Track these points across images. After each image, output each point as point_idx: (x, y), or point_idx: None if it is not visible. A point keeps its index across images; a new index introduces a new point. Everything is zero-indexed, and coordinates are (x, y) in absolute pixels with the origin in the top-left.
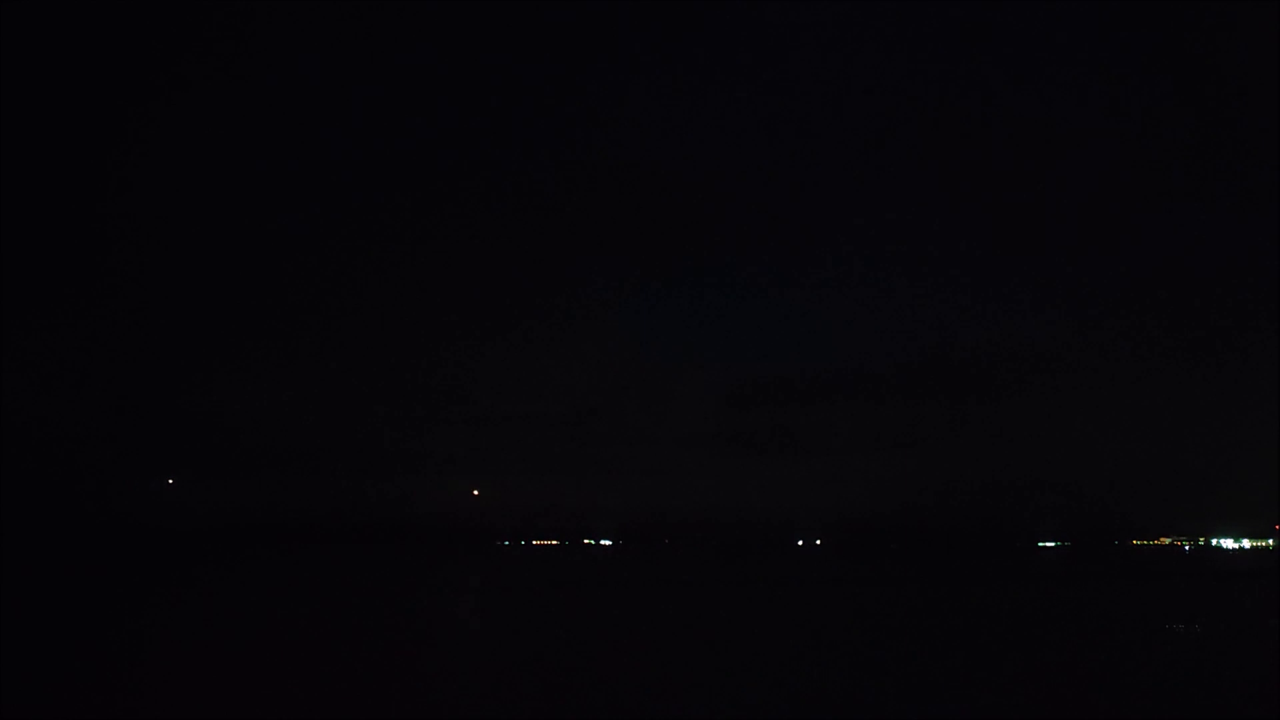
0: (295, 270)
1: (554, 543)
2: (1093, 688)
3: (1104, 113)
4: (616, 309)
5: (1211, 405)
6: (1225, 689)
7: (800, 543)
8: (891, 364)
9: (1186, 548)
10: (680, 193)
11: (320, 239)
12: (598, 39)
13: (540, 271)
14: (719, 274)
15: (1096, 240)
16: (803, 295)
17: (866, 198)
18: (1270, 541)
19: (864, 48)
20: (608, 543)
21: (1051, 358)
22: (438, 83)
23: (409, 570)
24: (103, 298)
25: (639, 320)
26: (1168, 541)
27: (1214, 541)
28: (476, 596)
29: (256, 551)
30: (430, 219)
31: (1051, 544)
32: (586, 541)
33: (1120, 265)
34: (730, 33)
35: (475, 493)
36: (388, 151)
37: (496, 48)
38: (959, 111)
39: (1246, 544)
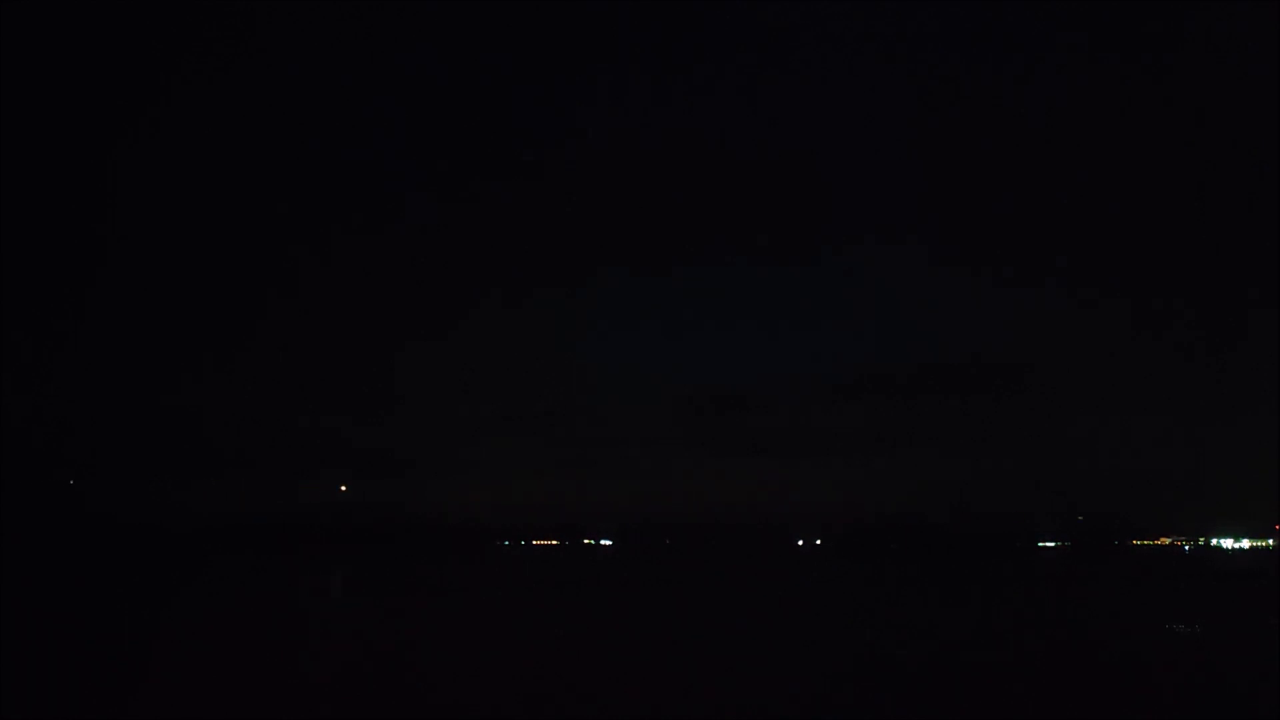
0: (293, 272)
1: (554, 543)
2: (1093, 688)
3: (1108, 114)
4: (617, 309)
5: (1211, 405)
6: (1225, 689)
7: (800, 543)
8: (892, 365)
9: (1186, 548)
10: (685, 193)
11: (316, 242)
12: (580, 40)
13: (540, 273)
14: (720, 275)
15: (1096, 241)
16: (803, 297)
17: (867, 199)
18: (1270, 541)
19: (863, 47)
20: (608, 543)
21: (1052, 358)
22: (407, 86)
23: (408, 570)
24: (91, 297)
25: (639, 321)
26: (1168, 541)
27: (1214, 541)
28: (475, 596)
29: (254, 552)
30: (430, 219)
31: (1051, 544)
32: (586, 541)
33: (1121, 266)
34: (724, 34)
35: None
36: (356, 151)
37: (467, 47)
38: (961, 112)
39: (1246, 544)
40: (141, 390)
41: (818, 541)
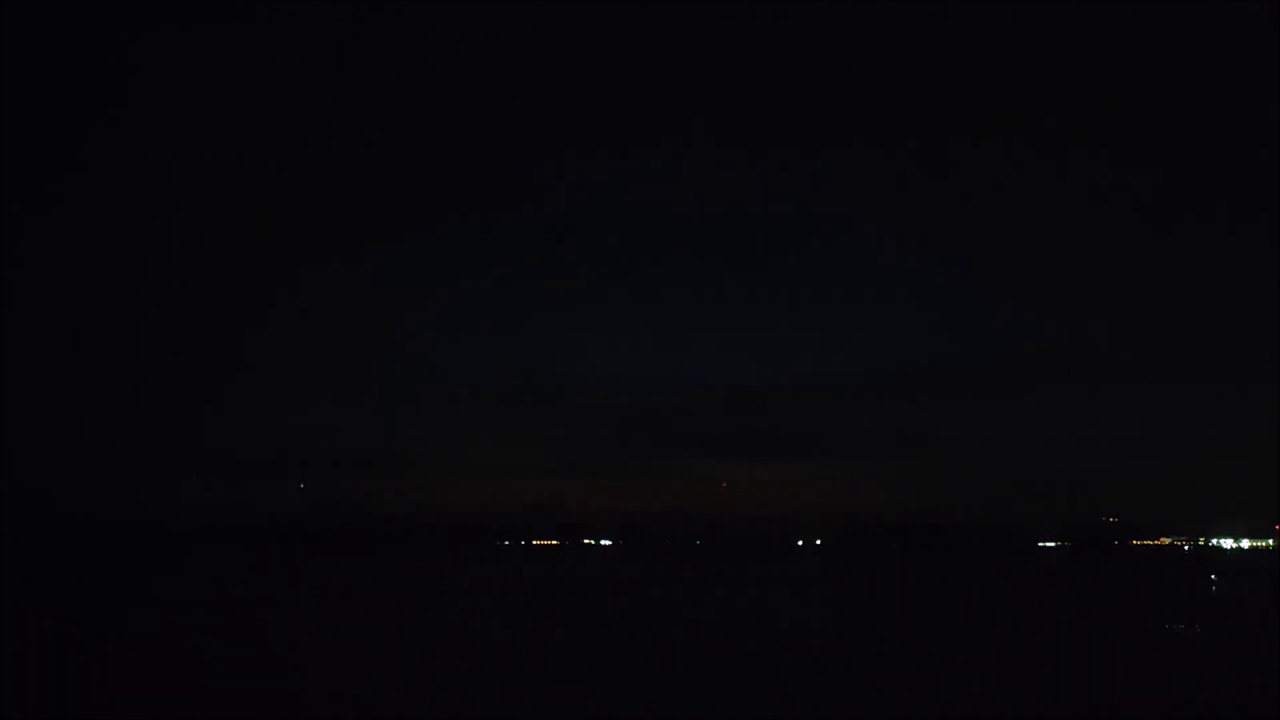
0: (293, 274)
1: (554, 543)
2: (1093, 688)
3: (1102, 116)
4: (618, 310)
5: (1211, 405)
6: (1225, 689)
7: (800, 543)
8: (893, 365)
9: (1186, 548)
10: (689, 193)
11: (322, 242)
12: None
13: (542, 272)
14: (722, 277)
15: (1096, 242)
16: (804, 299)
17: (869, 201)
18: (1270, 541)
19: (860, 45)
20: (608, 543)
21: (1052, 359)
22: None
23: (407, 570)
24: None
25: (640, 322)
26: (1168, 541)
27: (1214, 541)
28: (473, 596)
29: (252, 551)
30: (435, 218)
31: (1051, 544)
32: (587, 541)
33: (1120, 267)
34: (722, 35)
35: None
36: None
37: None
38: (959, 112)
39: (1246, 544)
40: (135, 394)
41: (818, 541)
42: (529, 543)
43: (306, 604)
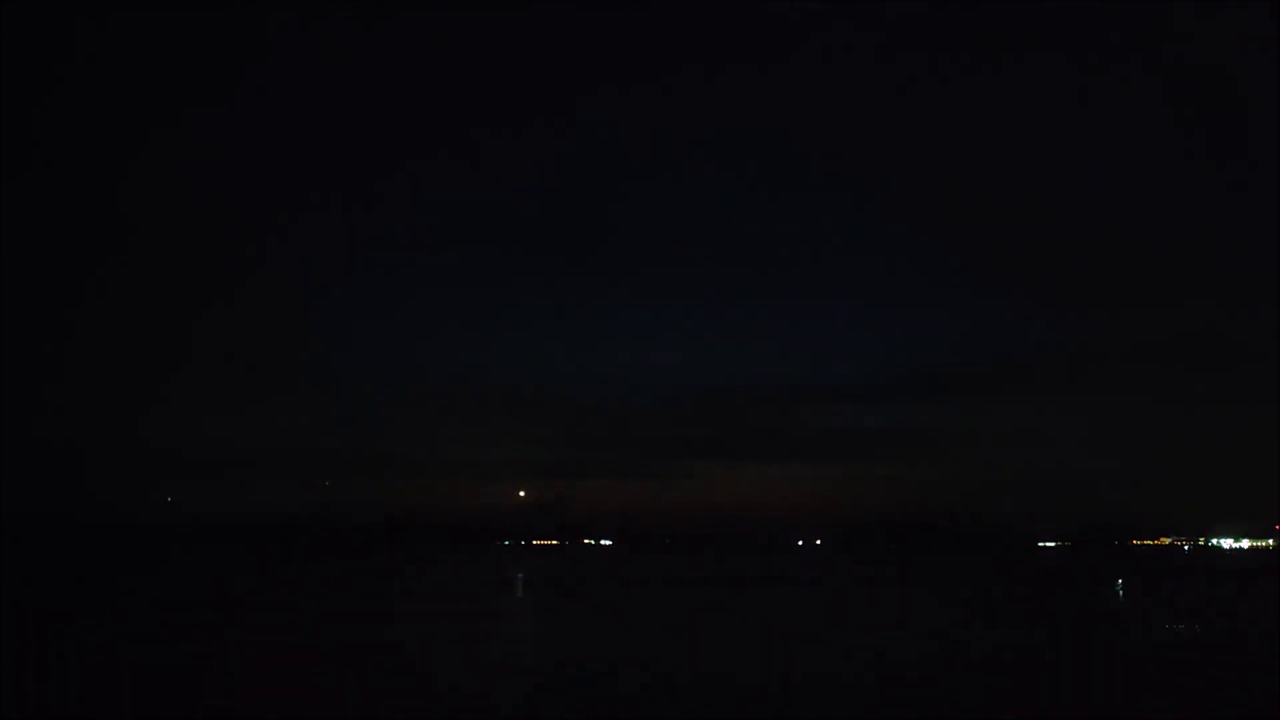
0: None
1: (554, 542)
2: (1093, 688)
3: (1101, 115)
4: (618, 309)
5: (1211, 405)
6: (1225, 689)
7: (800, 543)
8: (893, 366)
9: (1186, 548)
10: (688, 195)
11: (325, 240)
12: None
13: (543, 270)
14: (722, 277)
15: (1095, 242)
16: (804, 299)
17: (867, 200)
18: (1270, 541)
19: (856, 48)
20: (607, 543)
21: (1052, 358)
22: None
23: (407, 571)
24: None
25: (640, 321)
26: (1168, 541)
27: (1214, 541)
28: (474, 596)
29: (252, 552)
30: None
31: (1051, 544)
32: (587, 541)
33: (1119, 266)
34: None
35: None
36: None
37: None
38: (955, 114)
39: (1246, 544)
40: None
41: (817, 541)
42: (529, 543)
43: (302, 605)
